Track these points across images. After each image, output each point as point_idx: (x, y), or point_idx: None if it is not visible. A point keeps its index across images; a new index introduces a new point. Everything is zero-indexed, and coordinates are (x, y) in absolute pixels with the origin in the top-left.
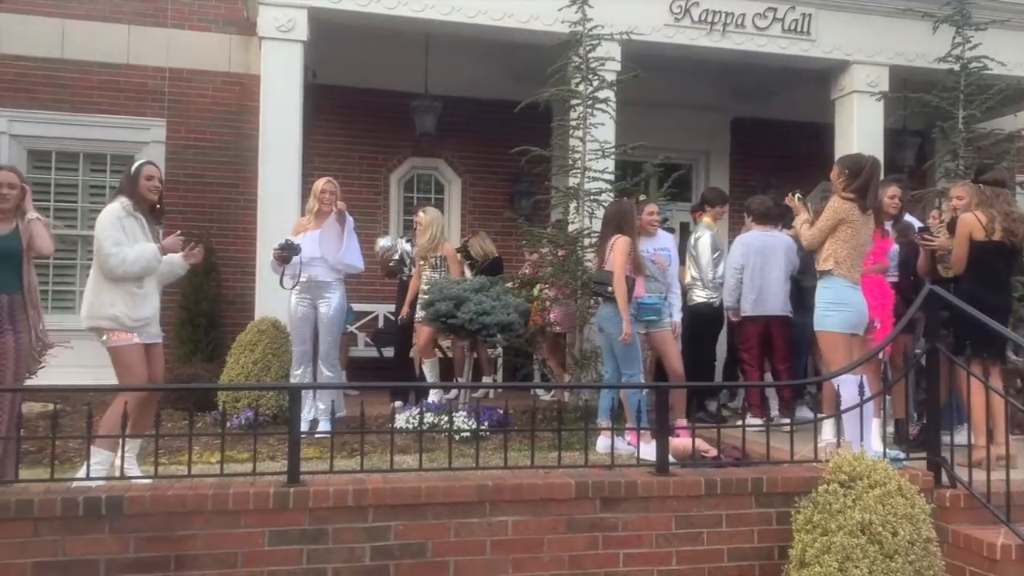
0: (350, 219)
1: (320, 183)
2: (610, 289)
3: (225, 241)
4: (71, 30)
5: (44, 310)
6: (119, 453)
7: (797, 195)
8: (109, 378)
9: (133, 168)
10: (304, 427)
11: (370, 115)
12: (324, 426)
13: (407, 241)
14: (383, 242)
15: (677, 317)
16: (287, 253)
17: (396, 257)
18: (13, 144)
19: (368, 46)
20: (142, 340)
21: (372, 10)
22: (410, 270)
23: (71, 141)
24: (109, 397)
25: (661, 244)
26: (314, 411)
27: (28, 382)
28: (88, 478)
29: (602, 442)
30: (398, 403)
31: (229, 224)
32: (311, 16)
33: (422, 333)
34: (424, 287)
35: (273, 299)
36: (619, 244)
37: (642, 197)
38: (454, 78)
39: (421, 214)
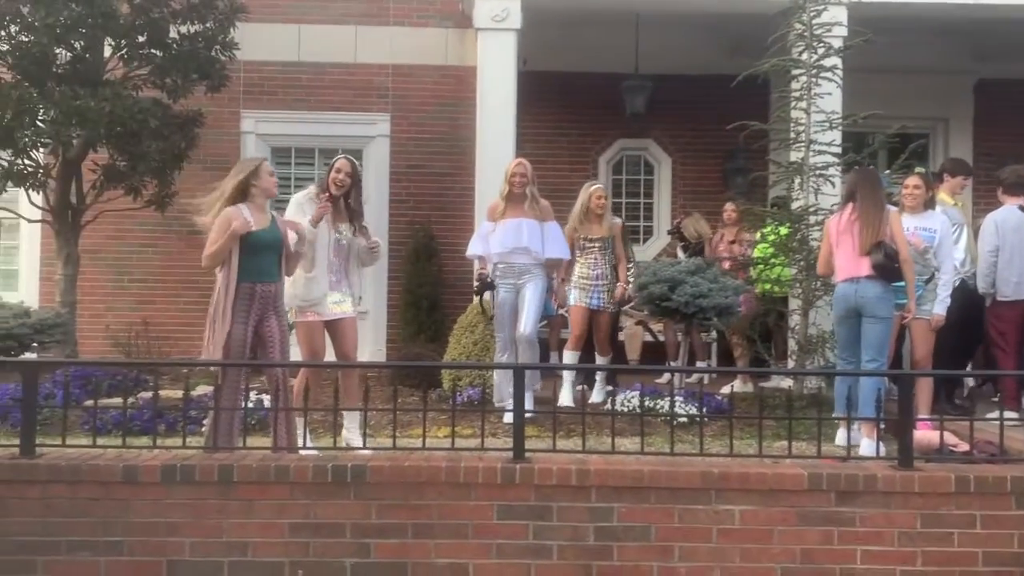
0: (553, 224)
1: (511, 165)
2: (897, 265)
3: (445, 227)
4: (306, 34)
5: None
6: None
7: None
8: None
9: (332, 160)
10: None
11: (579, 99)
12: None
13: None
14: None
15: (938, 310)
16: (481, 288)
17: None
18: (259, 143)
19: (577, 30)
20: (320, 317)
21: None
22: None
23: (308, 138)
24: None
25: (925, 223)
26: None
27: None
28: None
29: (842, 435)
30: (609, 387)
31: (448, 211)
32: (524, 5)
33: (578, 320)
34: (587, 272)
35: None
36: (895, 217)
37: (919, 169)
38: (665, 56)
39: (600, 196)
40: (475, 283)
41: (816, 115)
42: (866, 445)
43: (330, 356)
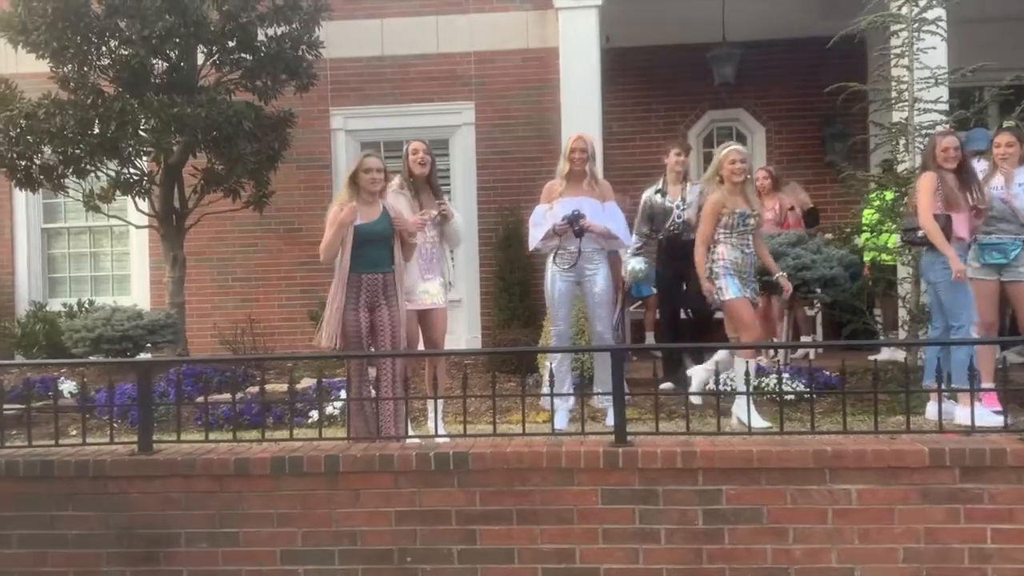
0: (613, 204)
1: (570, 140)
2: (920, 233)
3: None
4: (388, 28)
5: None
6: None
7: None
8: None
9: (405, 148)
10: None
11: (664, 73)
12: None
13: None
14: (638, 265)
15: None
16: (576, 225)
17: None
18: (349, 139)
19: (660, 2)
20: (412, 307)
21: None
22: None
23: (395, 131)
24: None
25: (1021, 179)
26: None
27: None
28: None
29: (931, 408)
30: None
31: (536, 196)
32: None
33: (748, 316)
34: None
35: None
36: (920, 182)
37: (1008, 123)
38: (753, 22)
39: (735, 161)
40: (559, 226)
41: (920, 71)
42: (960, 413)
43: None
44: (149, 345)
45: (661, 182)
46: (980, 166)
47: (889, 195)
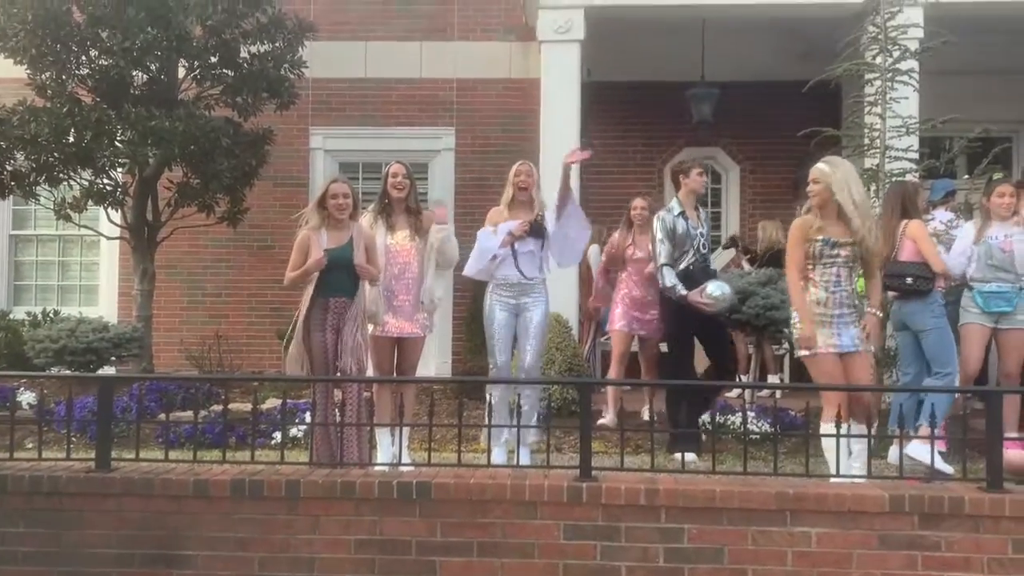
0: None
1: (515, 167)
2: (908, 281)
3: None
4: (372, 51)
5: None
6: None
7: None
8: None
9: (384, 170)
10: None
11: (644, 108)
12: (529, 441)
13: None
14: (718, 291)
15: None
16: (537, 226)
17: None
18: (327, 158)
19: (641, 39)
20: (382, 332)
21: (647, 1)
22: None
23: (375, 153)
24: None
25: (1010, 229)
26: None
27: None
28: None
29: (893, 452)
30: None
31: None
32: (587, 15)
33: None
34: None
35: (555, 294)
36: (915, 228)
37: (996, 175)
38: (732, 62)
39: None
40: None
41: (892, 120)
42: (915, 449)
43: None
44: (114, 358)
45: (676, 203)
46: (941, 215)
47: None
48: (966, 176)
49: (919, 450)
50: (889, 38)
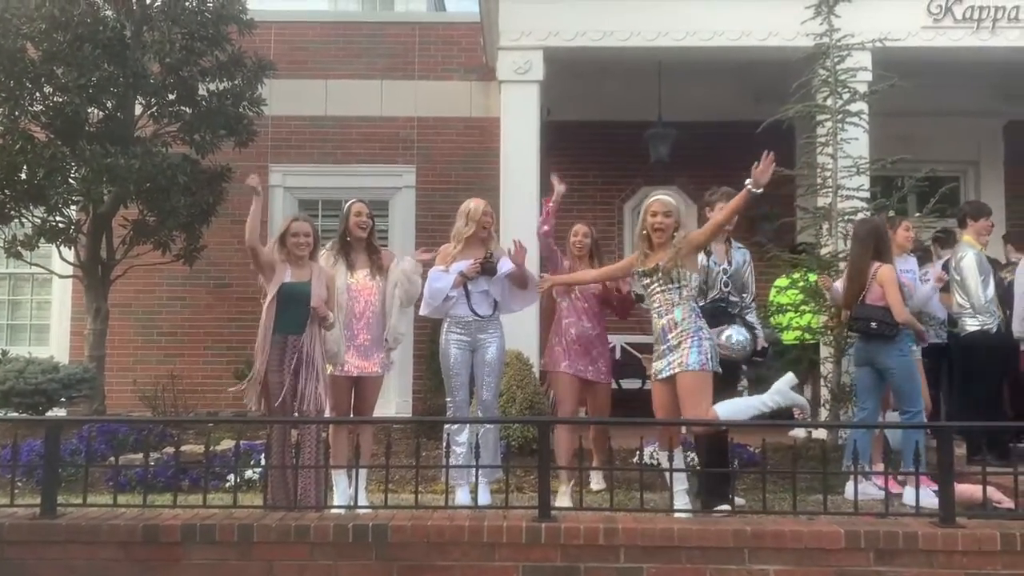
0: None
1: (477, 205)
2: (873, 325)
3: None
4: (333, 89)
5: None
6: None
7: None
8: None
9: (345, 208)
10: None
11: (603, 147)
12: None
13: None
14: (737, 335)
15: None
16: (489, 265)
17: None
18: (287, 195)
19: (600, 80)
20: (340, 372)
21: (605, 43)
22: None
23: (334, 190)
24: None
25: (907, 266)
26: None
27: None
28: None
29: (850, 488)
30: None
31: None
32: (546, 56)
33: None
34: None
35: (516, 330)
36: (886, 275)
37: (891, 213)
38: (688, 103)
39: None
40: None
41: (843, 160)
42: (908, 494)
43: None
44: (64, 400)
45: None
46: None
47: (813, 276)
48: (916, 214)
49: (910, 495)
50: (839, 81)
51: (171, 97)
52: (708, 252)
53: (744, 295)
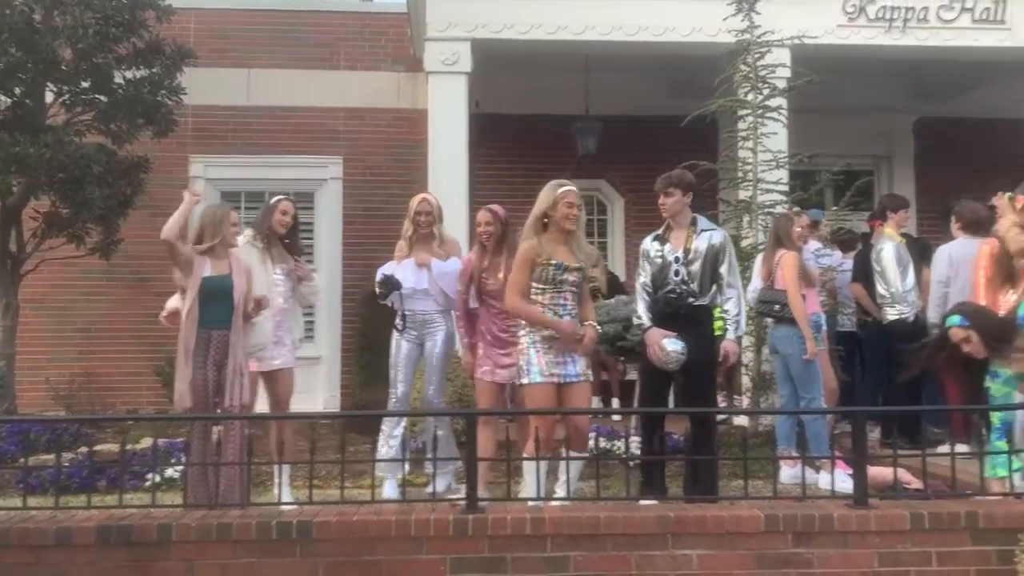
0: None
1: (415, 203)
2: (777, 308)
3: None
4: (256, 78)
5: None
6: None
7: (1008, 195)
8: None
9: (271, 202)
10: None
11: (531, 140)
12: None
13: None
14: (672, 346)
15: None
16: (385, 290)
17: None
18: (209, 187)
19: (528, 72)
20: (259, 367)
21: (533, 36)
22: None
23: (258, 181)
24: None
25: (807, 258)
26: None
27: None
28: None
29: (787, 472)
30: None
31: None
32: (474, 48)
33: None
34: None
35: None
36: (787, 260)
37: (795, 208)
38: (614, 97)
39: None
40: (377, 289)
41: (763, 154)
42: (826, 478)
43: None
44: None
45: (664, 225)
46: (811, 245)
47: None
48: (834, 208)
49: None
50: (759, 76)
51: (85, 85)
52: (664, 240)
53: (717, 284)
